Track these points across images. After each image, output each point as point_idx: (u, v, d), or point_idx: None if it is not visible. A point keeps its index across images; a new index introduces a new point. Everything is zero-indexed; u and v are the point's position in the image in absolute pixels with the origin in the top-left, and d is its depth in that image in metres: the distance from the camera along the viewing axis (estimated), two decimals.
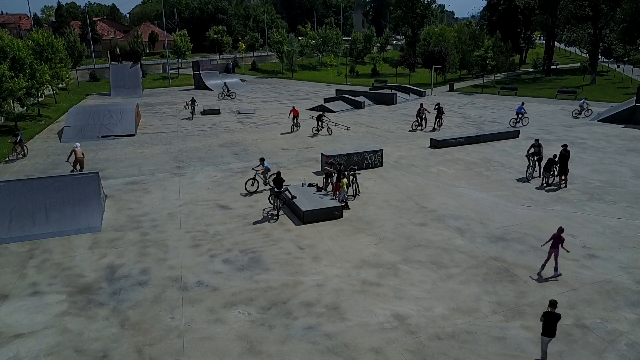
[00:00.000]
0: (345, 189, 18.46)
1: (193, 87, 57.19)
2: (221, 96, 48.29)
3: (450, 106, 41.69)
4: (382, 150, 24.46)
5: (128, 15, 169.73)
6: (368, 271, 14.03)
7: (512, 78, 62.84)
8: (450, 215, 18.04)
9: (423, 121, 32.97)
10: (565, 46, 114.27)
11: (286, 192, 18.50)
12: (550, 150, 24.59)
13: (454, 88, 53.46)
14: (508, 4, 68.66)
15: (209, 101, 47.36)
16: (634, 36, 59.79)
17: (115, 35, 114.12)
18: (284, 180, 18.46)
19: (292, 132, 32.29)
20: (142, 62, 66.67)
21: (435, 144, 27.99)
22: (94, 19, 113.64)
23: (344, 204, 18.50)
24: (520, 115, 33.72)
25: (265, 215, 18.33)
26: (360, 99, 42.72)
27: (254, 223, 17.60)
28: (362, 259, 14.76)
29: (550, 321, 10.04)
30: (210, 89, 54.93)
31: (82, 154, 23.30)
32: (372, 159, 24.20)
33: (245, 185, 20.95)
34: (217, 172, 23.74)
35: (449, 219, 17.77)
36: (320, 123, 31.70)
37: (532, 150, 22.24)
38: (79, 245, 15.95)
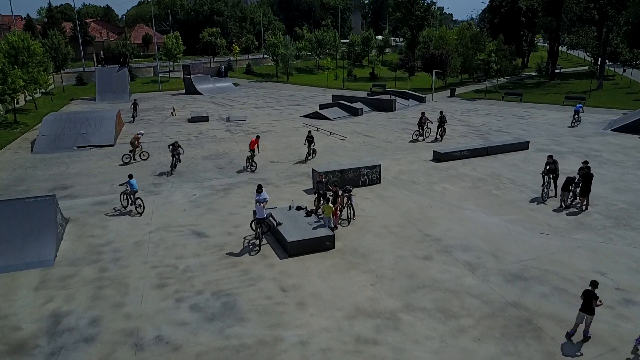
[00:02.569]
0: (331, 215, 16.09)
1: (183, 91, 54.81)
2: (132, 119, 37.53)
3: (452, 113, 39.41)
4: (380, 165, 22.13)
5: (124, 17, 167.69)
6: (363, 323, 11.68)
7: (515, 82, 60.61)
8: (458, 246, 15.71)
9: (425, 131, 30.63)
10: (567, 49, 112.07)
11: (270, 218, 16.17)
12: (565, 165, 22.41)
13: (456, 93, 51.17)
14: (511, 6, 66.44)
15: (199, 107, 45.00)
16: (639, 39, 57.71)
17: (109, 37, 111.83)
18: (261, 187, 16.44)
19: (246, 169, 24.55)
20: (132, 65, 64.39)
21: (439, 157, 25.68)
22: (86, 20, 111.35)
23: (334, 232, 16.12)
24: (577, 115, 34.09)
25: (245, 244, 15.98)
26: (358, 105, 40.42)
27: (232, 255, 15.24)
28: (356, 306, 12.40)
29: (589, 299, 10.78)
30: (202, 94, 52.57)
31: (134, 138, 25.99)
32: (369, 175, 21.87)
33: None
34: (196, 190, 21.38)
35: (456, 250, 15.43)
36: (311, 145, 25.93)
37: (547, 167, 19.92)
38: (23, 285, 13.56)
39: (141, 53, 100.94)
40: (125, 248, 15.81)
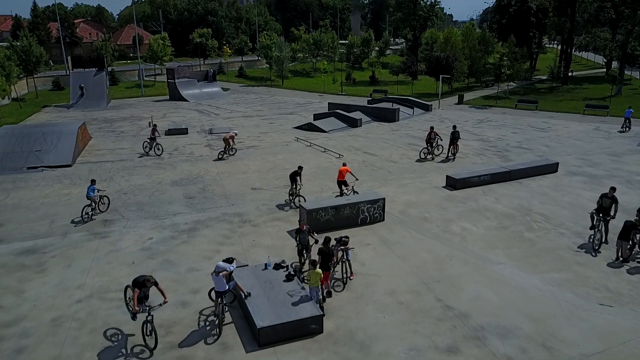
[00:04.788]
0: (319, 283, 11.83)
1: (168, 97, 50.52)
2: (147, 152, 27.81)
3: (462, 124, 35.15)
4: (383, 199, 17.85)
5: (117, 17, 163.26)
6: None
7: (526, 87, 56.40)
8: (492, 327, 11.46)
9: (434, 148, 26.39)
10: (574, 51, 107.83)
11: (235, 288, 11.94)
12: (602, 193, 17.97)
13: (464, 100, 46.84)
14: (520, 6, 62.20)
15: (181, 116, 40.77)
16: None
17: (99, 37, 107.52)
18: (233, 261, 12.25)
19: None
20: (115, 68, 60.18)
21: (453, 184, 21.43)
22: (75, 20, 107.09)
23: (323, 310, 11.85)
24: (627, 121, 32.45)
25: (202, 324, 11.73)
26: (356, 115, 36.17)
27: (182, 344, 10.99)
28: None
29: None
30: (187, 100, 48.29)
31: (229, 137, 26.77)
32: (370, 212, 17.62)
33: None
34: (154, 231, 17.10)
35: (491, 335, 11.19)
36: (295, 185, 19.32)
37: (600, 202, 15.68)
38: None
39: (131, 55, 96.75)
40: (37, 330, 11.55)
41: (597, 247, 15.28)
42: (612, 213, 15.54)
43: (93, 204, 18.21)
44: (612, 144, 29.25)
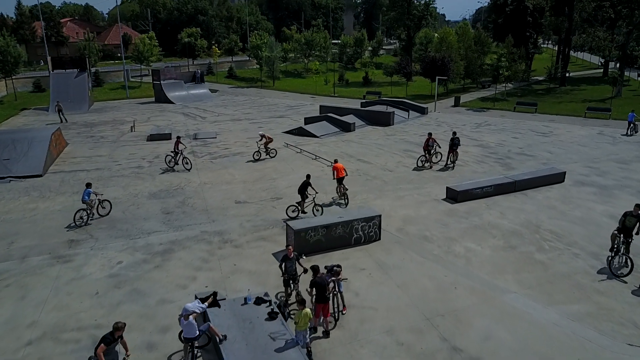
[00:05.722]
0: (307, 325, 10.14)
1: (153, 99, 48.60)
2: (173, 166, 24.60)
3: (460, 128, 33.61)
4: (379, 216, 16.20)
5: (107, 16, 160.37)
6: None
7: (523, 89, 55.05)
8: None
9: (432, 156, 24.77)
10: (569, 51, 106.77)
11: (208, 331, 10.23)
12: (618, 209, 16.32)
13: (460, 102, 45.29)
14: (517, 5, 60.82)
15: (166, 119, 38.91)
16: None
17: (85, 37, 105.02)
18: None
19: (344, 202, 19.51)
20: (99, 68, 58.12)
21: (454, 196, 19.81)
22: (62, 19, 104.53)
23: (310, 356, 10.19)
24: (632, 125, 31.59)
25: None
26: (350, 118, 34.51)
27: None
28: None
29: None
30: (173, 102, 46.40)
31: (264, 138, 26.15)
32: (365, 230, 15.96)
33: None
34: (125, 253, 15.33)
35: None
36: (304, 200, 18.22)
37: (623, 221, 14.11)
38: None
39: (119, 55, 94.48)
40: None
41: (621, 274, 13.67)
42: (634, 232, 13.99)
43: (89, 209, 17.53)
44: (618, 150, 27.80)
